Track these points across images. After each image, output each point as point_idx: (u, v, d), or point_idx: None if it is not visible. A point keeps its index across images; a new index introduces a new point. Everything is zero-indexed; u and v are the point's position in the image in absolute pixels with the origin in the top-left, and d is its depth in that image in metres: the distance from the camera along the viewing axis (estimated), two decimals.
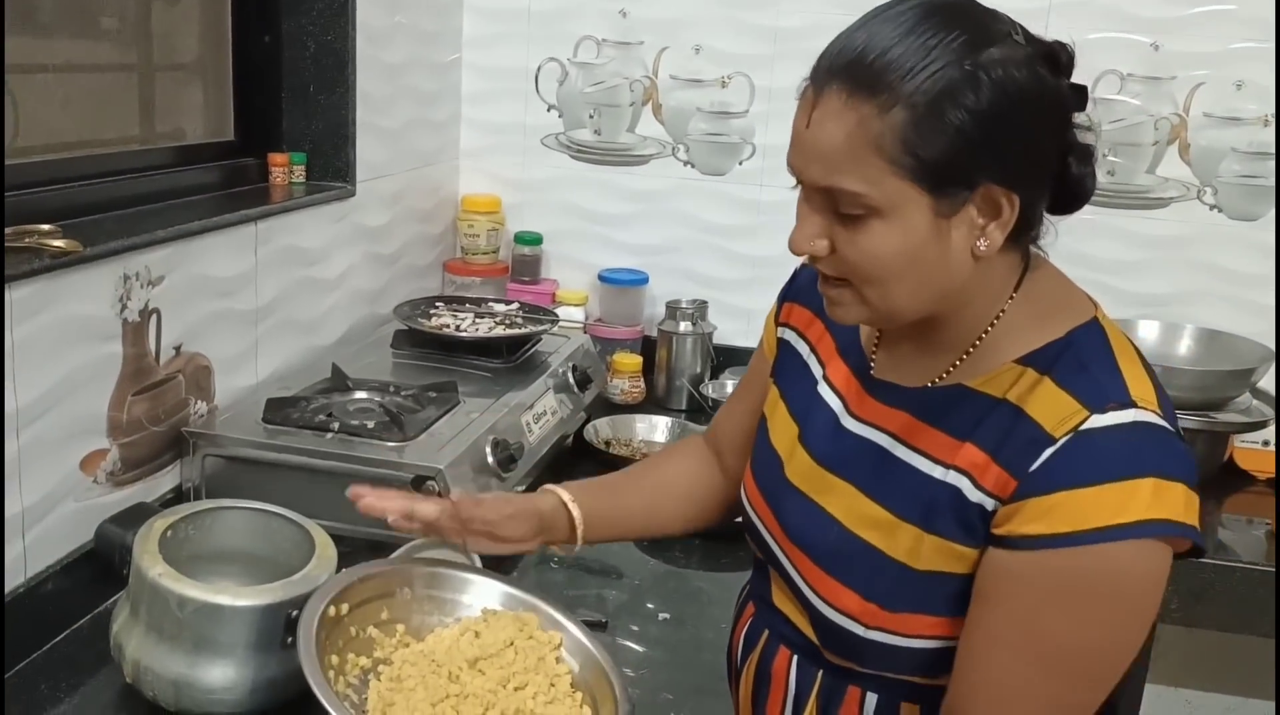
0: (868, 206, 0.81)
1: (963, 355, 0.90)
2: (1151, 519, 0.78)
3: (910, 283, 0.84)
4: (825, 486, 0.95)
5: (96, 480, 1.31)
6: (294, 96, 1.83)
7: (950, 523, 0.85)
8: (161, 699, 1.09)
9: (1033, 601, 0.81)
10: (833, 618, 0.92)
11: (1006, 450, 0.83)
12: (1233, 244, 2.14)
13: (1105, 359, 0.85)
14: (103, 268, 1.26)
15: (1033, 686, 0.82)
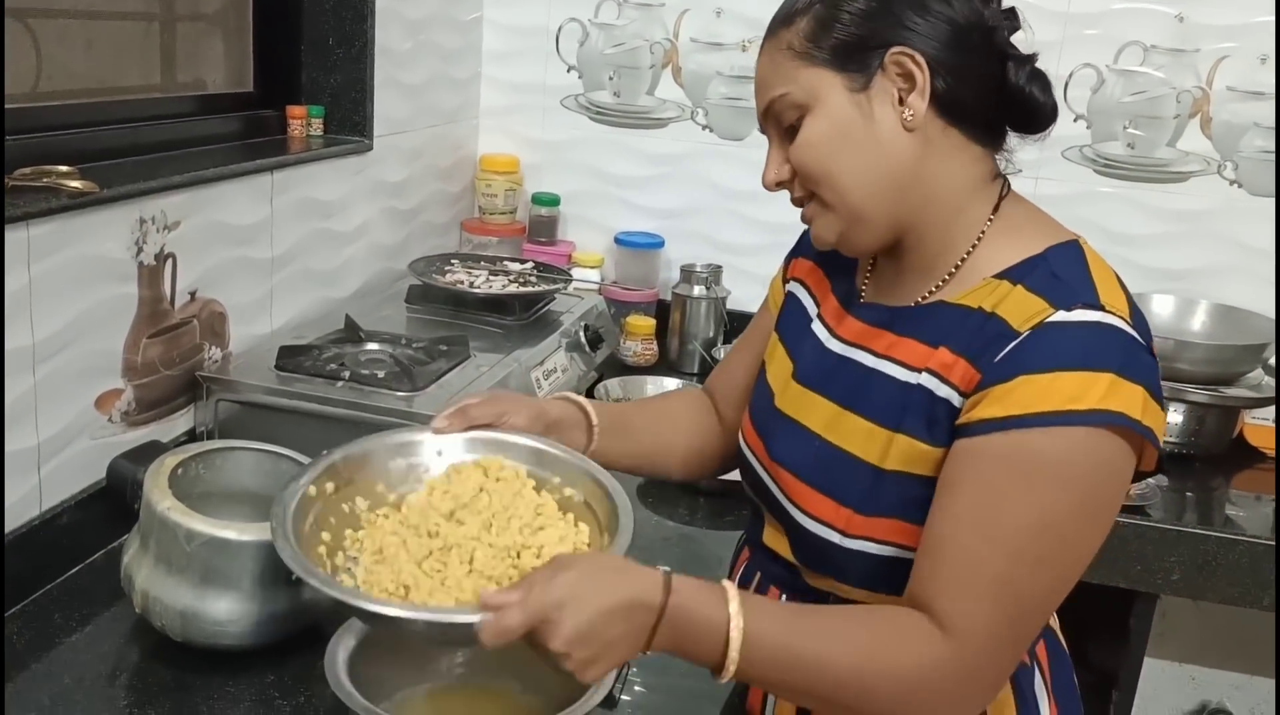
0: (794, 104, 0.92)
1: (945, 276, 0.95)
2: (1106, 409, 0.82)
3: (851, 167, 0.91)
4: (808, 405, 1.00)
5: (111, 419, 1.33)
6: (313, 49, 1.84)
7: (918, 422, 0.90)
8: (169, 629, 1.12)
9: (990, 482, 0.84)
10: (813, 530, 0.95)
11: (974, 348, 0.88)
12: (1252, 219, 2.12)
13: (1079, 270, 0.89)
14: (119, 210, 1.29)
15: (990, 566, 0.84)
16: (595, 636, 0.80)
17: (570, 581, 0.81)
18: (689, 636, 0.84)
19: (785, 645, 0.85)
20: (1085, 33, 2.11)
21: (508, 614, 0.79)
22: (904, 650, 0.85)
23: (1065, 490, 0.84)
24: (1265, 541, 1.73)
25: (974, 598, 0.85)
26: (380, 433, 1.07)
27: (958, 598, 0.85)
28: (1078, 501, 0.84)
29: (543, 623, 0.79)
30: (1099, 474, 0.85)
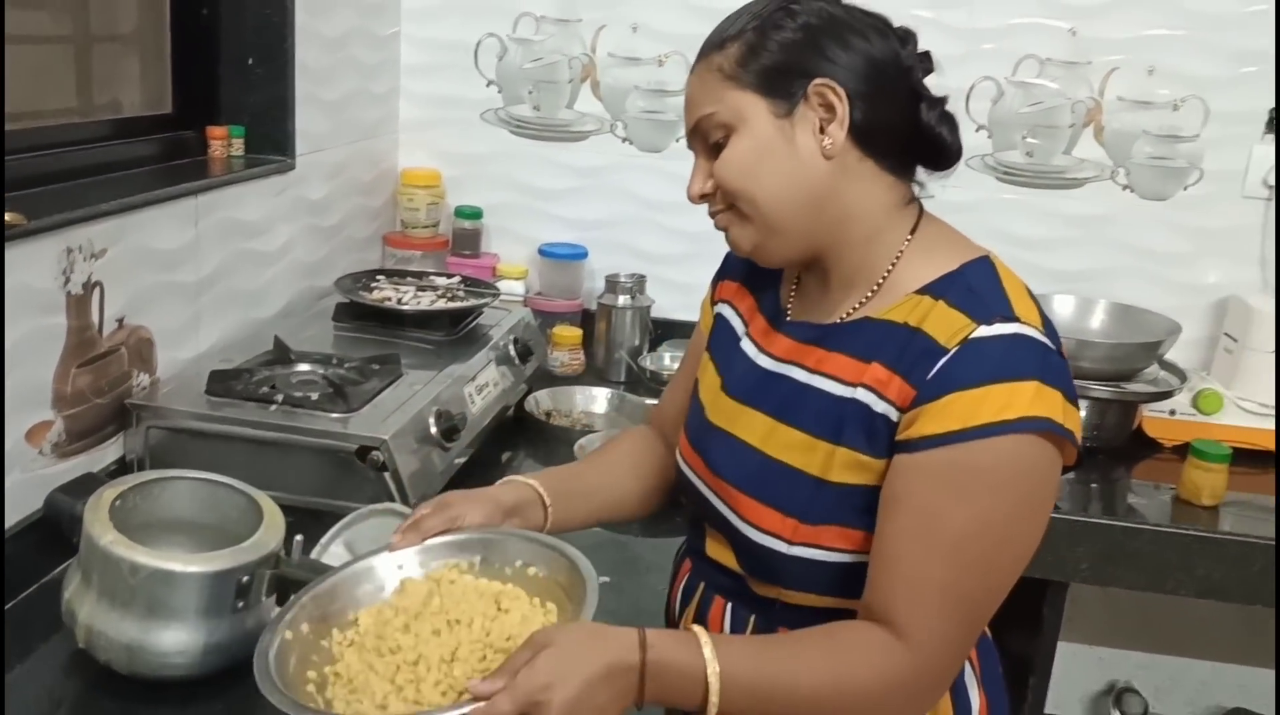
0: (721, 123, 0.97)
1: (868, 293, 1.00)
2: (1033, 416, 0.88)
3: (769, 186, 0.97)
4: (741, 419, 1.05)
5: (42, 451, 1.32)
6: (232, 69, 1.84)
7: (858, 435, 0.95)
8: (115, 663, 1.11)
9: (933, 496, 0.90)
10: (758, 539, 1.00)
11: (905, 364, 0.93)
12: (1145, 223, 2.24)
13: (992, 284, 0.96)
14: (46, 241, 1.27)
15: (939, 576, 0.90)
16: (584, 707, 0.84)
17: (551, 659, 0.84)
18: (671, 686, 0.89)
19: (759, 680, 0.90)
20: (984, 47, 2.20)
21: (497, 702, 0.82)
22: (867, 666, 0.91)
23: (1000, 496, 0.90)
24: (1167, 529, 1.83)
25: (926, 608, 0.90)
26: (344, 564, 1.08)
27: (912, 610, 0.90)
28: (1013, 505, 0.91)
29: (532, 705, 0.83)
30: (1030, 477, 0.91)
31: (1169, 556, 1.83)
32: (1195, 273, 2.25)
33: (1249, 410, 2.10)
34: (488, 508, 1.08)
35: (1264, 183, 2.18)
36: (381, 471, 1.44)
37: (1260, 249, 2.22)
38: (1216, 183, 2.21)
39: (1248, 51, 2.13)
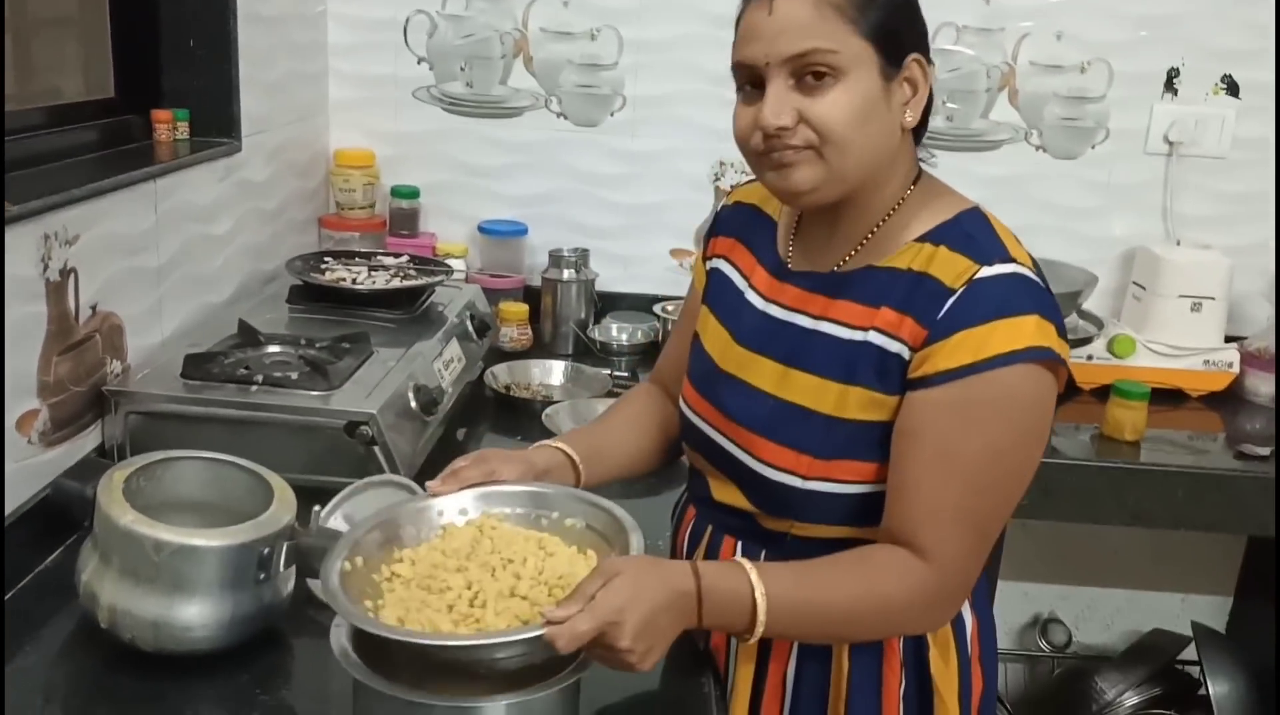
0: (833, 66, 0.98)
1: (864, 240, 1.07)
2: (1036, 346, 0.97)
3: (862, 143, 1.00)
4: (755, 367, 1.11)
5: (30, 441, 1.30)
6: (174, 52, 1.81)
7: (871, 374, 1.02)
8: (140, 640, 1.12)
9: (949, 427, 0.98)
10: (773, 477, 1.07)
11: (915, 306, 1.01)
12: (1057, 180, 2.38)
13: (987, 231, 1.04)
14: (27, 227, 1.26)
15: (955, 500, 0.99)
16: (653, 628, 0.92)
17: (624, 584, 0.91)
18: (724, 610, 0.96)
19: (799, 600, 0.98)
20: None
21: (578, 621, 0.88)
22: (892, 583, 1.00)
23: (1010, 423, 0.99)
24: (1097, 463, 1.97)
25: (945, 528, 0.99)
26: (386, 507, 1.13)
27: (932, 532, 0.99)
28: (1020, 431, 1.00)
29: (609, 625, 0.89)
30: (1034, 403, 1.00)
31: (1099, 488, 1.97)
32: (1104, 226, 2.40)
33: (1158, 352, 2.25)
34: (521, 467, 1.14)
35: (1164, 139, 2.33)
36: (370, 445, 1.46)
37: (1163, 201, 2.38)
38: (1121, 141, 2.36)
39: (1147, 16, 2.28)
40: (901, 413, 1.01)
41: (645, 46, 2.32)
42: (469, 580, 1.02)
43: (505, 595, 1.00)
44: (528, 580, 1.01)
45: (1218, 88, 2.32)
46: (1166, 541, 2.62)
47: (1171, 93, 2.32)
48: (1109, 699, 2.34)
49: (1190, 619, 2.56)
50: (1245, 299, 2.37)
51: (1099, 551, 2.65)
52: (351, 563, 1.03)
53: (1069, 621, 2.71)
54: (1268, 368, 2.26)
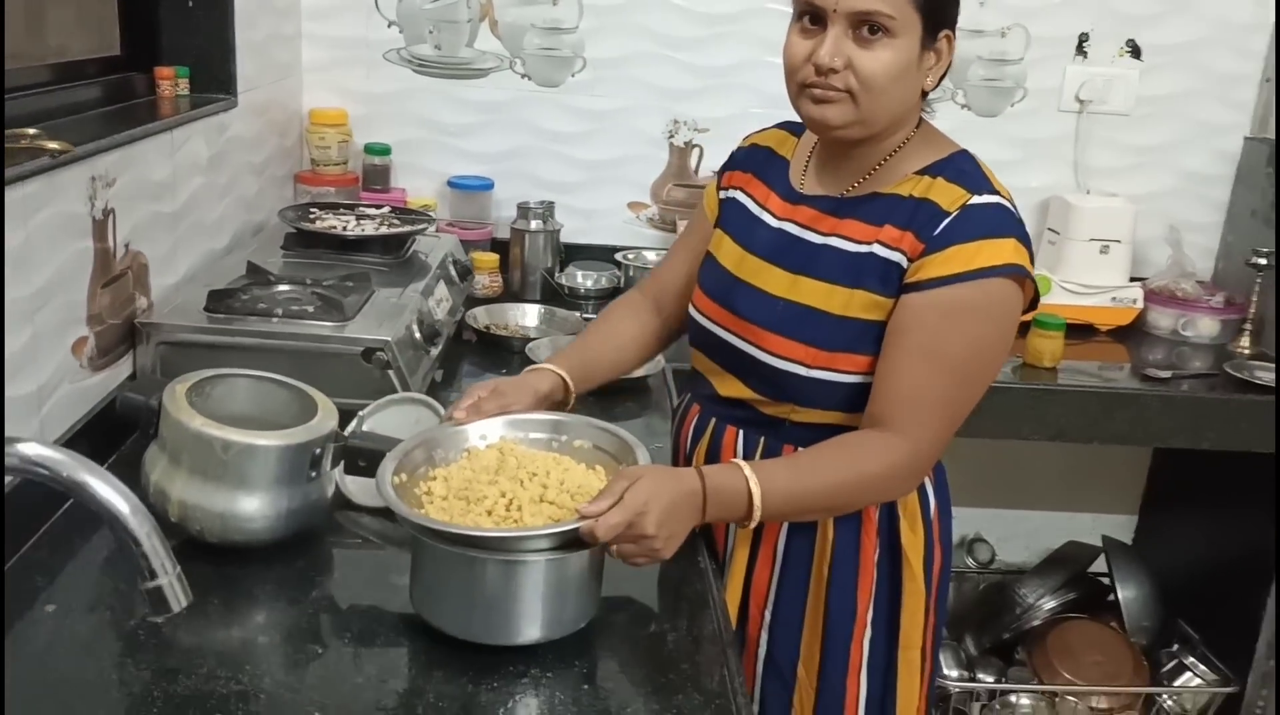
0: (888, 28, 1.16)
1: (871, 171, 1.27)
2: (1013, 263, 1.18)
3: (893, 95, 1.20)
4: (768, 274, 1.31)
5: (82, 365, 1.43)
6: (172, 11, 1.92)
7: (874, 279, 1.22)
8: (207, 532, 1.26)
9: (936, 324, 1.18)
10: (780, 366, 1.27)
11: (915, 224, 1.21)
12: (980, 136, 2.59)
13: (976, 168, 1.25)
14: (80, 168, 1.38)
15: (936, 387, 1.20)
16: (672, 519, 1.11)
17: (647, 486, 1.10)
18: (725, 504, 1.16)
19: (790, 485, 1.19)
20: None
21: (611, 514, 1.07)
22: (873, 459, 1.20)
23: (987, 324, 1.20)
24: (1020, 386, 2.21)
25: (923, 413, 1.19)
26: (424, 430, 1.32)
27: (911, 412, 1.19)
28: (995, 332, 1.21)
29: (638, 516, 1.08)
30: (1007, 311, 1.21)
31: (1024, 408, 2.20)
32: (1022, 177, 2.63)
33: (1071, 290, 2.50)
34: (529, 394, 1.33)
35: (1076, 98, 2.57)
36: (386, 369, 1.61)
37: (1074, 154, 2.62)
38: (1037, 99, 2.59)
39: None
40: (895, 312, 1.21)
41: (604, 11, 2.48)
42: (502, 491, 1.18)
43: (536, 501, 1.17)
44: (554, 489, 1.19)
45: (1123, 50, 2.57)
46: (1080, 464, 2.89)
47: (1082, 55, 2.56)
48: (1029, 603, 2.60)
49: (1101, 534, 2.84)
50: (1147, 242, 2.63)
51: (1019, 476, 2.91)
52: (398, 477, 1.20)
53: (992, 541, 2.97)
54: (1167, 303, 2.52)
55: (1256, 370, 2.26)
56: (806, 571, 1.34)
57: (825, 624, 1.34)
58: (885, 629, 1.35)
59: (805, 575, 1.35)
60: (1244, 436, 2.20)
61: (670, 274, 1.50)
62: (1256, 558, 2.37)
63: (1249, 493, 2.44)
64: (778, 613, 1.36)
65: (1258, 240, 2.48)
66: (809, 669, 1.36)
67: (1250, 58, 2.57)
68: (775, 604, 1.36)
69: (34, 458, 0.76)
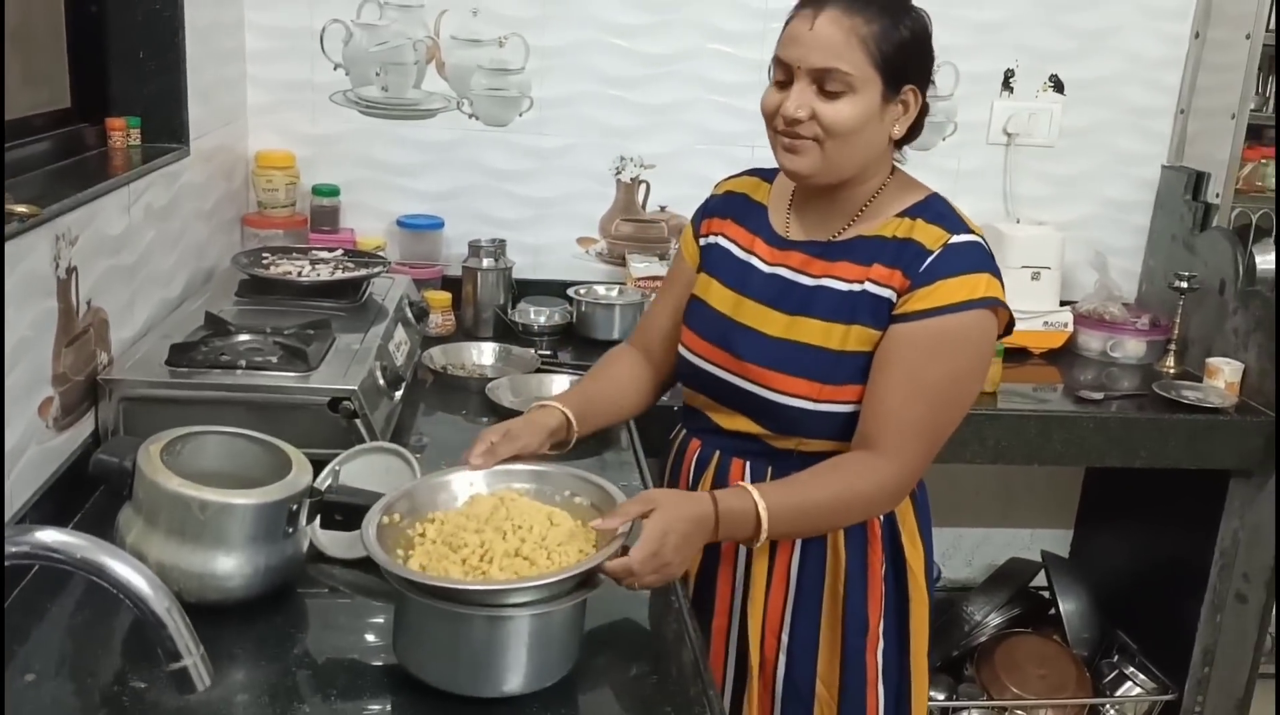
0: (848, 84, 1.26)
1: (854, 217, 1.36)
2: (989, 296, 1.28)
3: (857, 144, 1.30)
4: (767, 317, 1.38)
5: (47, 425, 1.43)
6: (123, 62, 1.92)
7: (867, 315, 1.32)
8: (185, 592, 1.25)
9: (919, 354, 1.28)
10: (786, 402, 1.35)
11: (902, 262, 1.30)
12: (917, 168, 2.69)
13: (952, 212, 1.35)
14: (45, 229, 1.38)
15: (920, 412, 1.29)
16: (688, 544, 1.21)
17: (665, 515, 1.17)
18: (735, 525, 1.25)
19: (792, 505, 1.27)
20: None
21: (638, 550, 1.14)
22: (864, 479, 1.29)
23: (965, 353, 1.30)
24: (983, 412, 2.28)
25: (906, 436, 1.29)
26: (428, 476, 1.34)
27: (895, 436, 1.29)
28: (972, 360, 1.31)
29: (661, 545, 1.16)
30: (983, 340, 1.31)
31: (966, 433, 2.27)
32: None
33: None
34: (540, 433, 1.39)
35: (1003, 130, 2.68)
36: (352, 418, 1.62)
37: (1003, 184, 2.73)
38: (967, 133, 2.69)
39: (985, 23, 2.62)
40: (882, 342, 1.31)
41: (550, 52, 2.52)
42: (482, 540, 1.21)
43: (510, 555, 1.19)
44: (531, 543, 1.21)
45: (1046, 85, 2.68)
46: (1016, 481, 3.00)
47: (1008, 90, 2.67)
48: (976, 621, 2.69)
49: (1039, 549, 2.94)
50: (1075, 267, 2.74)
51: (959, 495, 3.00)
52: (389, 517, 1.23)
53: (938, 559, 3.05)
54: (1096, 326, 2.63)
55: (1183, 390, 2.37)
56: (820, 592, 1.43)
57: (843, 640, 1.43)
58: (895, 640, 1.45)
59: (819, 595, 1.43)
60: (1173, 454, 2.30)
61: (658, 324, 1.57)
62: (1187, 568, 2.48)
63: (1177, 505, 2.56)
64: (795, 634, 1.44)
65: (1178, 263, 2.60)
66: (829, 686, 1.45)
67: (1164, 91, 2.70)
68: (792, 626, 1.44)
69: (51, 544, 0.77)
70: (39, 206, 1.32)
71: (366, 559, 1.38)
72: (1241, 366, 2.37)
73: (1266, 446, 2.30)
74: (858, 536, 1.40)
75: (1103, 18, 2.64)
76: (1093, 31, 2.64)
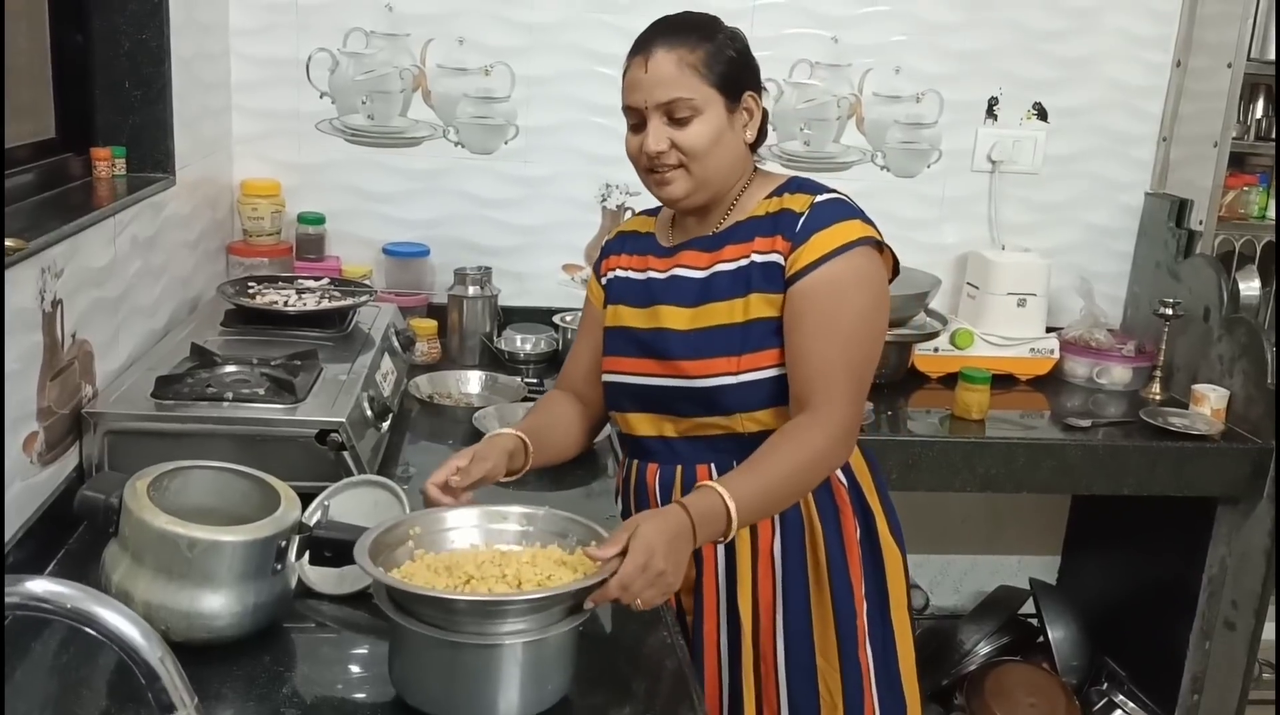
0: (693, 108, 1.37)
1: (727, 211, 1.46)
2: (865, 236, 1.39)
3: (719, 156, 1.40)
4: (674, 316, 1.45)
5: (31, 461, 1.41)
6: (108, 93, 1.91)
7: (761, 281, 1.40)
8: (173, 631, 1.24)
9: (820, 303, 1.36)
10: (710, 384, 1.41)
11: (779, 229, 1.41)
12: (900, 196, 2.71)
13: (812, 182, 1.47)
14: (32, 262, 1.37)
15: (837, 357, 1.35)
16: (676, 551, 1.22)
17: (649, 529, 1.20)
18: (709, 524, 1.27)
19: (755, 489, 1.31)
20: (762, 54, 2.57)
21: (626, 564, 1.16)
22: (812, 439, 1.34)
23: (861, 291, 1.37)
24: (951, 440, 2.30)
25: (835, 384, 1.35)
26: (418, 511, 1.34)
27: (826, 389, 1.34)
28: (872, 296, 1.39)
29: (650, 556, 1.18)
30: (875, 275, 1.40)
31: (955, 461, 2.28)
32: (939, 235, 2.75)
33: (993, 343, 2.61)
34: (502, 457, 1.41)
35: (988, 158, 2.70)
36: (340, 450, 1.61)
37: (988, 212, 2.74)
38: (951, 160, 2.71)
39: (969, 52, 2.64)
40: (786, 305, 1.38)
41: (535, 81, 2.52)
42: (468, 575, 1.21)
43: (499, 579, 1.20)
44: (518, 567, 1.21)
45: (1030, 113, 2.71)
46: (1004, 508, 3.00)
47: (992, 118, 2.69)
48: (967, 649, 2.68)
49: (1027, 576, 2.94)
50: (1061, 293, 2.76)
51: (947, 522, 3.00)
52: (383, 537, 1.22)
53: (925, 586, 3.05)
54: (1082, 353, 2.64)
55: (1170, 416, 2.38)
56: (804, 569, 1.47)
57: (833, 609, 1.47)
58: (876, 599, 1.51)
59: (804, 572, 1.47)
60: (1160, 481, 2.31)
61: (579, 364, 1.61)
62: (1176, 595, 2.49)
63: (1163, 531, 2.56)
64: (789, 614, 1.47)
65: (1162, 290, 2.62)
66: (827, 656, 1.48)
67: (1147, 119, 2.72)
68: (785, 608, 1.47)
69: (40, 594, 0.75)
70: (25, 240, 1.30)
71: (355, 594, 1.39)
72: (1227, 393, 2.39)
73: (1254, 473, 2.31)
74: (828, 507, 1.46)
75: (1085, 47, 2.66)
76: (1075, 60, 2.67)
